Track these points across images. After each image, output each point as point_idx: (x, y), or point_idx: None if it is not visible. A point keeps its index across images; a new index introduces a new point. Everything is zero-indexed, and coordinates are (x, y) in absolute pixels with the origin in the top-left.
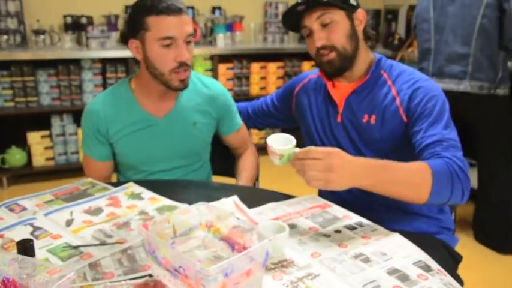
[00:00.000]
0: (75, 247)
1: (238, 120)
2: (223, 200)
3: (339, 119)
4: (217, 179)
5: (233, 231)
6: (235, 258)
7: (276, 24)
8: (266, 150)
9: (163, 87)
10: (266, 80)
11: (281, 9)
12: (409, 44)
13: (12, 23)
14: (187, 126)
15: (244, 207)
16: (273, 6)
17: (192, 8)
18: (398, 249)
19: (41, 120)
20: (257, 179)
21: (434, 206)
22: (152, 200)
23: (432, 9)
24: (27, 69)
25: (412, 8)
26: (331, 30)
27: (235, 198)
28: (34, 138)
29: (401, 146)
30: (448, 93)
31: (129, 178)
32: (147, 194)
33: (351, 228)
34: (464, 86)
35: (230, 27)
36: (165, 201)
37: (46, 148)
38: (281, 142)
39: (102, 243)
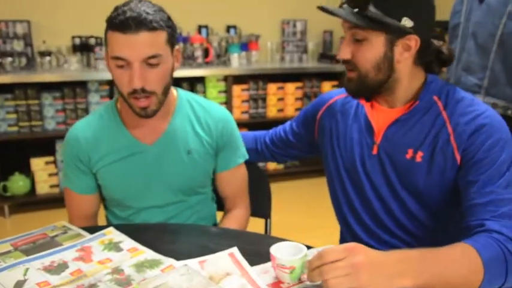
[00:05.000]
0: None
1: (239, 158)
2: (219, 255)
3: (374, 151)
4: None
5: None
6: None
7: (294, 43)
8: (279, 176)
9: None
10: (284, 101)
11: (299, 27)
12: None
13: (18, 45)
14: (180, 155)
15: (245, 263)
16: (290, 25)
17: (206, 27)
18: None
19: (45, 146)
20: (269, 216)
21: None
22: (132, 252)
23: (463, 13)
24: (32, 92)
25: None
26: (360, 48)
27: (235, 250)
28: (38, 164)
29: (451, 194)
30: None
31: (116, 216)
32: (127, 243)
33: None
34: None
35: (245, 47)
36: (148, 254)
37: (50, 175)
38: (288, 252)
39: None
